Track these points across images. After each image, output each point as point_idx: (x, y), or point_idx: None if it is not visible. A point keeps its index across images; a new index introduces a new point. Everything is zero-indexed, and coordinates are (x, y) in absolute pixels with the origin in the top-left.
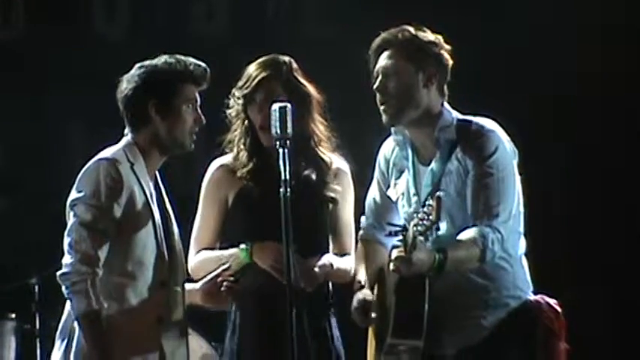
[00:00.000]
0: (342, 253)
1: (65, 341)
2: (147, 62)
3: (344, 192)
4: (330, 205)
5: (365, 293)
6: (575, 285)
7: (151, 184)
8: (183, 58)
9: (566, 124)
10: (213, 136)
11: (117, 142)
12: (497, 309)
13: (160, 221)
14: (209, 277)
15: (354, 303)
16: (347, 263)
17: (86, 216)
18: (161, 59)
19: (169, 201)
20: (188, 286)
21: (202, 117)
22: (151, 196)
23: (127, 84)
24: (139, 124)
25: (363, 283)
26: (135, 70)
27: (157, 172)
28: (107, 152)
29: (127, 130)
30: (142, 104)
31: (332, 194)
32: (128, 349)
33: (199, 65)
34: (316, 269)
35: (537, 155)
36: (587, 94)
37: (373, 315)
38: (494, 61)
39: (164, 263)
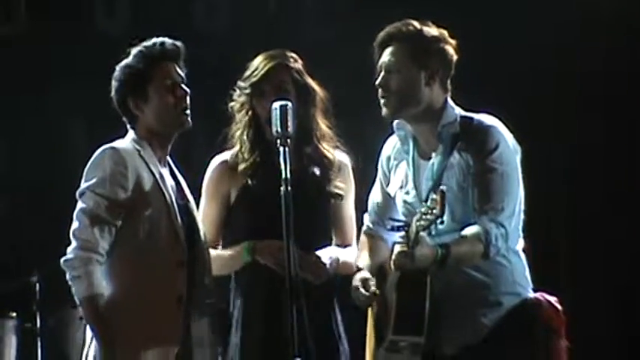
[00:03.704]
0: (344, 244)
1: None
2: (122, 62)
3: (346, 186)
4: (333, 200)
5: (364, 273)
6: (575, 282)
7: (165, 170)
8: (150, 42)
9: (568, 123)
10: (213, 132)
11: (118, 138)
12: (497, 306)
13: (172, 202)
14: None
15: (354, 282)
16: (351, 255)
17: (89, 203)
18: (131, 53)
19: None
20: None
21: (186, 90)
22: (161, 177)
23: (112, 88)
24: (131, 121)
25: (361, 267)
26: (114, 73)
27: (170, 162)
28: (114, 143)
29: (128, 127)
30: (125, 103)
31: (336, 190)
32: (148, 330)
33: (166, 42)
34: (325, 261)
35: (539, 153)
36: (588, 93)
37: (373, 288)
38: (494, 59)
39: (180, 243)
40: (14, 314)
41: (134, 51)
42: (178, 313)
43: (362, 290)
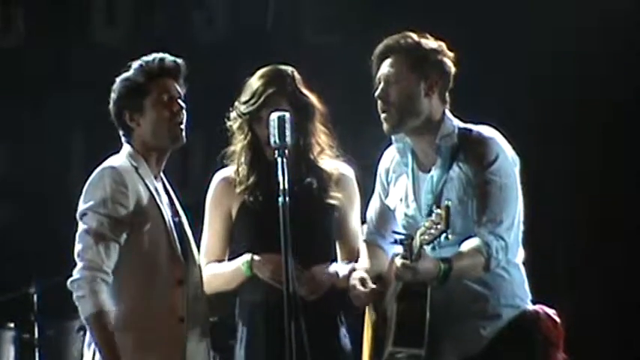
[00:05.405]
0: (349, 259)
1: (92, 347)
2: (122, 75)
3: (348, 197)
4: (336, 213)
5: (361, 273)
6: (574, 295)
7: (159, 185)
8: (150, 57)
9: (567, 128)
10: (211, 145)
11: (116, 148)
12: (496, 318)
13: (169, 219)
14: None
15: (351, 281)
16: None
17: (92, 224)
18: (132, 67)
19: (181, 204)
20: None
21: (182, 105)
22: (157, 192)
23: (110, 100)
24: (127, 134)
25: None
26: (114, 85)
27: (163, 177)
28: (111, 160)
29: (123, 140)
30: (121, 116)
31: (333, 201)
32: (151, 350)
33: (166, 58)
34: (321, 278)
35: (536, 161)
36: (587, 97)
37: (371, 285)
38: (494, 66)
39: (179, 262)
40: (12, 325)
41: (135, 65)
42: (180, 333)
43: (360, 288)
